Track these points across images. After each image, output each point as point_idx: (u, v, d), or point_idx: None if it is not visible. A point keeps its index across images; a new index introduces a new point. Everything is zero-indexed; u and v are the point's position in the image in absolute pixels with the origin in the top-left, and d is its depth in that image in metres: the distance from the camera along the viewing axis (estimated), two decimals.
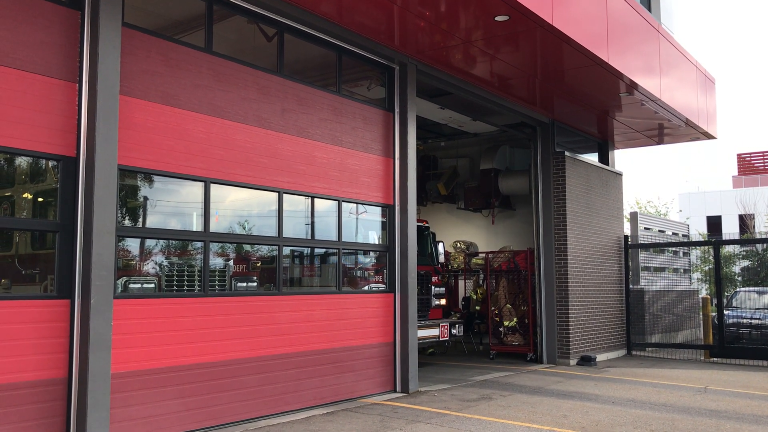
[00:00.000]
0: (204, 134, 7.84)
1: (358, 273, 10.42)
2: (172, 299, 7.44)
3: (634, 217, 17.65)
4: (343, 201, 9.76)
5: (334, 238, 9.68)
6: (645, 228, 17.87)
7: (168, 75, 7.49)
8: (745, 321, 15.78)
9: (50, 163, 6.60)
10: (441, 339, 12.97)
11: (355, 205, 10.07)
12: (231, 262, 8.38)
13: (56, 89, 6.56)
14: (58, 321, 6.43)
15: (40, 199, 6.73)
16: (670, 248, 19.00)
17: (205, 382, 7.63)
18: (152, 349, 7.13)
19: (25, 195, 6.64)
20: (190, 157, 7.66)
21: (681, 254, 19.77)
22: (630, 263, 16.61)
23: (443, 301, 14.03)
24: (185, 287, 7.70)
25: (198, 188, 7.80)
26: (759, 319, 15.72)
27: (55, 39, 6.58)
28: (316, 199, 9.40)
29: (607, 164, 16.49)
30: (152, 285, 7.46)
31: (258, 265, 8.80)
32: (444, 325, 13.04)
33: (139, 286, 7.35)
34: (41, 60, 6.46)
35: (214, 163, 7.93)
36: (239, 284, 8.47)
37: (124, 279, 7.18)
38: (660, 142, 17.32)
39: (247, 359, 8.13)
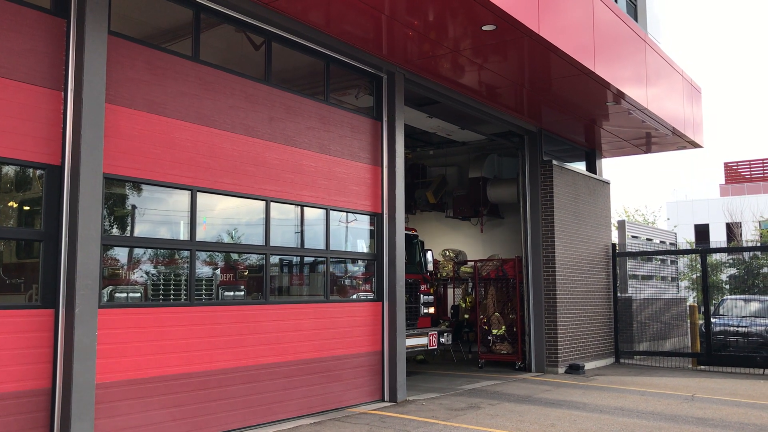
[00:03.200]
0: (191, 143, 7.81)
1: (347, 282, 10.40)
2: (158, 308, 7.39)
3: (621, 225, 17.73)
4: (331, 209, 9.75)
5: (322, 246, 9.66)
6: (633, 236, 17.95)
7: (154, 83, 7.46)
8: (732, 329, 15.84)
9: (38, 172, 6.55)
10: (430, 348, 12.95)
11: (343, 213, 10.06)
12: (218, 271, 8.34)
13: (41, 97, 6.52)
14: (41, 331, 6.37)
15: (26, 208, 6.68)
16: (658, 256, 19.08)
17: (192, 392, 7.57)
18: (138, 359, 7.08)
19: (10, 203, 6.59)
20: (176, 165, 7.63)
21: (669, 262, 19.87)
22: (618, 271, 16.67)
23: (432, 310, 14.03)
24: (171, 296, 7.65)
25: (184, 197, 7.77)
26: (746, 327, 15.78)
27: (40, 47, 6.55)
28: (304, 208, 9.39)
29: (595, 173, 16.57)
30: (138, 294, 7.41)
31: (245, 274, 8.76)
32: (433, 334, 13.02)
33: (125, 295, 7.30)
34: (26, 68, 6.43)
35: (201, 171, 7.91)
36: (226, 293, 8.42)
37: (110, 288, 7.13)
38: (647, 151, 17.44)
39: (234, 369, 8.09)
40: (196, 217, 7.81)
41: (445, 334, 13.55)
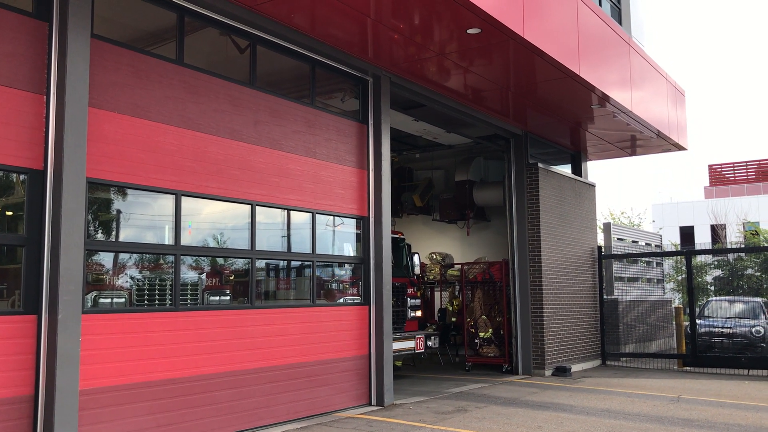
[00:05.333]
0: (175, 146, 7.76)
1: (333, 285, 10.37)
2: (143, 314, 7.33)
3: (607, 227, 17.81)
4: (317, 213, 9.72)
5: (308, 250, 9.62)
6: (618, 238, 18.03)
7: (138, 87, 7.41)
8: (716, 330, 15.96)
9: (20, 177, 6.48)
10: (417, 351, 12.93)
11: (329, 217, 10.03)
12: (203, 276, 8.29)
13: (23, 101, 6.46)
14: (24, 337, 6.30)
15: (8, 213, 6.61)
16: (644, 258, 19.18)
17: (177, 398, 7.51)
18: (122, 365, 7.02)
19: None
20: (160, 169, 7.58)
21: (654, 264, 19.98)
22: (604, 273, 16.73)
23: (419, 313, 14.01)
24: (156, 302, 7.59)
25: (169, 201, 7.72)
26: (730, 328, 15.91)
27: (22, 50, 6.49)
28: (289, 212, 9.35)
29: (580, 175, 16.64)
30: (123, 299, 7.34)
31: (231, 278, 8.71)
32: (420, 337, 13.01)
33: (109, 300, 7.23)
34: (7, 71, 6.36)
35: (186, 175, 7.86)
36: (212, 298, 8.37)
37: (94, 293, 7.06)
38: (632, 153, 17.54)
39: (220, 374, 8.03)
40: (180, 221, 7.76)
41: (432, 337, 13.54)
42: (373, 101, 10.70)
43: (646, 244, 20.30)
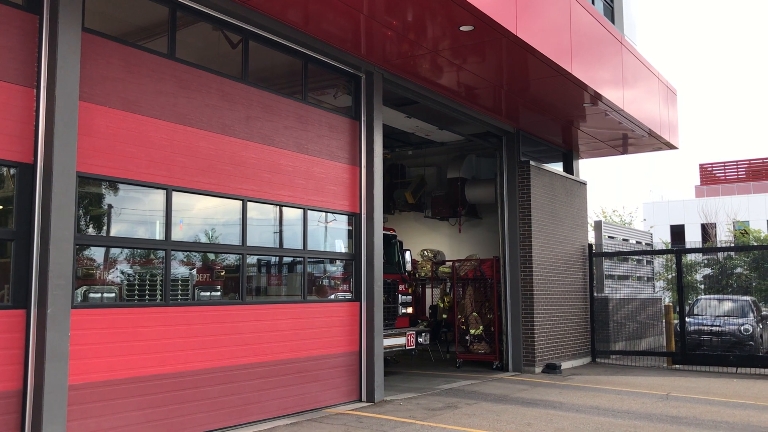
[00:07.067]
0: (166, 141, 7.73)
1: (325, 282, 10.36)
2: (133, 309, 7.31)
3: (598, 225, 17.87)
4: (309, 209, 9.71)
5: (300, 246, 9.61)
6: (609, 237, 18.09)
7: (129, 81, 7.38)
8: (705, 328, 16.05)
9: (10, 171, 6.44)
10: (408, 347, 12.95)
11: (321, 213, 10.02)
12: (194, 271, 8.27)
13: (13, 94, 6.41)
14: (12, 332, 6.27)
15: None
16: (634, 257, 19.26)
17: (167, 393, 7.50)
18: (112, 360, 6.99)
19: None
20: (151, 164, 7.55)
21: (644, 262, 20.06)
22: (594, 271, 16.80)
23: (410, 310, 14.03)
24: (147, 297, 7.57)
25: (160, 196, 7.69)
26: (719, 326, 16.00)
27: (11, 43, 6.44)
28: (281, 208, 9.34)
29: (572, 173, 16.68)
30: (113, 294, 7.32)
31: (222, 274, 8.69)
32: (411, 334, 13.03)
33: (99, 295, 7.21)
34: None
35: (177, 170, 7.83)
36: (203, 294, 8.35)
37: (84, 288, 7.04)
38: (624, 152, 17.59)
39: (210, 369, 8.02)
40: (171, 216, 7.73)
41: (423, 334, 13.56)
42: (365, 98, 10.69)
43: (637, 242, 20.39)
